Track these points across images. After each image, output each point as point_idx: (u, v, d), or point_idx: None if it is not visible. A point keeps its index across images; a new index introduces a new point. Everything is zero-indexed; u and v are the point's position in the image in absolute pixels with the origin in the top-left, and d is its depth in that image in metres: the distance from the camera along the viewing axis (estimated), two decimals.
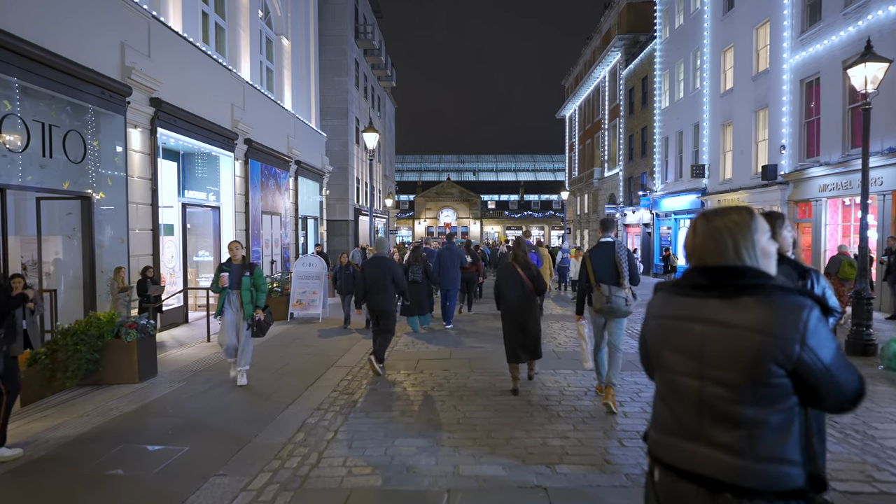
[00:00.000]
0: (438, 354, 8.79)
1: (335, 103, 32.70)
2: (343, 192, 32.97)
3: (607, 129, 38.71)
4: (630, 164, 33.60)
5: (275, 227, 19.25)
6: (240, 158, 16.33)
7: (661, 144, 28.25)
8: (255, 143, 17.00)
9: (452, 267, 11.65)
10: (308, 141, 23.42)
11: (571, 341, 9.85)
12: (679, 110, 25.77)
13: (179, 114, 12.63)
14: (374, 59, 39.42)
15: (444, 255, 11.79)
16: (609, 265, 5.95)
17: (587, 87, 43.48)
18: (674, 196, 26.18)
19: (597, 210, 42.20)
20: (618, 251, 5.99)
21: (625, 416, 5.74)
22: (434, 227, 67.10)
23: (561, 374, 7.45)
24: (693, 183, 24.04)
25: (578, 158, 48.74)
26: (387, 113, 47.78)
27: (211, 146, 14.51)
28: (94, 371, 7.09)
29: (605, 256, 6.00)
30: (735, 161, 20.59)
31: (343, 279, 11.87)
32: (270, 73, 20.74)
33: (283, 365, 8.17)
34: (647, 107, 30.43)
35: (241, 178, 16.39)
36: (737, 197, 20.10)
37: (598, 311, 6.03)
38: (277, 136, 19.46)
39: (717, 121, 22.05)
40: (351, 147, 33.68)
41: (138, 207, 11.40)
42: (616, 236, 6.29)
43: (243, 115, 16.25)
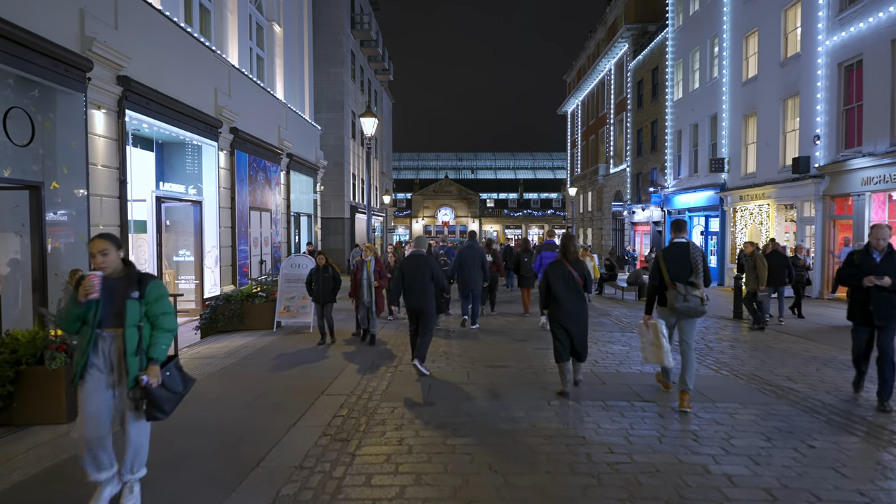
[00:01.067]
0: (452, 375, 7.33)
1: (330, 95, 31.23)
2: (339, 189, 31.50)
3: (613, 123, 37.33)
4: (638, 159, 32.22)
5: (264, 224, 17.78)
6: (225, 149, 14.85)
7: (674, 138, 26.87)
8: (242, 133, 15.54)
9: (474, 266, 11.08)
10: (301, 133, 21.96)
11: (609, 357, 8.43)
12: (694, 101, 24.39)
13: (153, 95, 11.15)
14: (371, 50, 37.95)
15: (465, 254, 11.16)
16: (683, 265, 5.98)
17: (591, 81, 42.09)
18: (688, 192, 24.80)
19: (601, 208, 40.84)
20: (693, 252, 6.04)
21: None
22: (432, 225, 65.66)
23: (615, 407, 5.89)
24: (711, 178, 22.66)
25: (581, 155, 47.36)
26: (384, 108, 46.31)
27: (192, 134, 13.04)
28: (3, 408, 5.42)
29: (679, 256, 6.04)
30: (759, 154, 19.21)
31: (320, 283, 9.59)
32: (261, 61, 19.26)
33: (259, 395, 6.46)
34: (657, 99, 29.04)
35: (226, 171, 14.92)
36: (762, 192, 18.72)
37: (672, 311, 6.02)
38: (267, 127, 17.99)
39: (738, 111, 20.67)
40: (347, 141, 32.22)
41: (103, 200, 9.92)
42: (685, 237, 6.27)
43: (229, 102, 14.79)
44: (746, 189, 19.71)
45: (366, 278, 9.41)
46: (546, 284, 6.42)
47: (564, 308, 6.29)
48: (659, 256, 6.18)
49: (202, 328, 10.30)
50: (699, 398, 6.14)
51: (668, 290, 6.00)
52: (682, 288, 5.86)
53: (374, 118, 12.41)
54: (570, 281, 6.36)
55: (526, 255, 13.52)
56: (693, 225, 25.34)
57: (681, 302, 5.85)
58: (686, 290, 5.84)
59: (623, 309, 14.77)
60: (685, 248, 6.08)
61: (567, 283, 6.34)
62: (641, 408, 5.89)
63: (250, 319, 10.41)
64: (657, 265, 6.15)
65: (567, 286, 6.33)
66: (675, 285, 5.91)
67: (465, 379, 7.10)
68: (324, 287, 9.56)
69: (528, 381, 6.94)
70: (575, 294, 6.33)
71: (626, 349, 8.95)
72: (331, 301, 9.59)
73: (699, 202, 23.80)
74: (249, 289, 10.88)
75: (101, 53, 9.60)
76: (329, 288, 9.58)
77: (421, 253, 7.69)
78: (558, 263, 6.48)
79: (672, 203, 26.76)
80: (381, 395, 6.42)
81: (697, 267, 5.94)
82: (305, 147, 22.60)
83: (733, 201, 20.85)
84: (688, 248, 6.08)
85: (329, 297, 9.55)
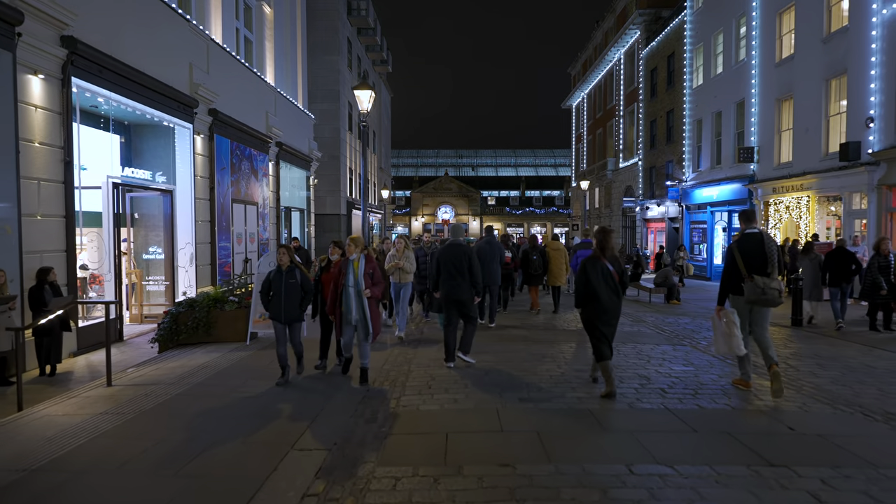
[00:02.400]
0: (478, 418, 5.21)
1: (326, 85, 29.43)
2: (334, 184, 29.72)
3: (623, 115, 35.56)
4: (651, 152, 30.45)
5: (250, 218, 16.00)
6: (202, 133, 13.07)
7: (693, 128, 25.09)
8: (222, 116, 13.76)
9: (493, 262, 10.53)
10: (292, 121, 20.17)
11: (676, 383, 6.65)
12: (716, 88, 22.61)
13: (109, 63, 9.37)
14: (369, 39, 36.15)
15: (483, 250, 10.44)
16: (759, 256, 5.94)
17: (598, 71, 40.30)
18: (709, 186, 23.03)
19: (609, 205, 39.06)
20: (767, 242, 5.99)
21: None
22: (431, 223, 63.87)
23: (736, 479, 3.86)
24: (737, 169, 20.90)
25: (587, 150, 45.57)
26: (382, 101, 44.53)
27: (161, 113, 11.27)
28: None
29: (754, 247, 5.98)
30: (797, 141, 17.44)
31: (282, 294, 6.61)
32: (249, 43, 17.49)
33: (200, 451, 4.46)
34: (673, 87, 27.27)
35: (204, 157, 13.14)
36: (800, 183, 16.96)
37: (750, 303, 6.00)
38: (253, 111, 16.20)
39: (769, 95, 18.90)
40: (343, 134, 30.43)
41: (41, 185, 8.15)
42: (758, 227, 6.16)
43: (207, 80, 13.00)
44: (781, 181, 17.94)
45: (352, 285, 6.41)
46: (585, 280, 6.08)
47: (605, 305, 6.02)
48: (733, 248, 6.13)
49: (160, 340, 8.48)
50: (840, 461, 4.21)
51: (745, 281, 5.95)
52: (761, 281, 5.84)
53: (369, 90, 10.60)
54: (609, 278, 6.08)
55: (534, 252, 13.08)
56: (715, 221, 23.58)
57: (759, 294, 5.85)
58: (764, 283, 5.84)
59: (656, 314, 13.02)
60: (759, 238, 6.03)
61: (606, 279, 6.07)
62: (777, 480, 3.87)
63: (219, 330, 8.54)
64: (732, 257, 6.09)
65: (606, 283, 6.06)
66: (753, 278, 5.90)
67: (496, 424, 5.08)
68: (287, 299, 6.58)
69: (584, 419, 5.16)
70: (613, 291, 6.10)
71: (691, 370, 7.14)
72: (297, 320, 6.74)
73: (723, 196, 22.04)
74: (218, 292, 9.00)
75: (37, 5, 7.83)
76: (295, 300, 6.63)
77: (459, 242, 7.59)
78: (596, 259, 6.14)
79: (691, 198, 24.99)
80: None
81: (773, 258, 5.91)
82: (297, 137, 20.82)
83: (764, 194, 19.09)
84: (762, 238, 6.03)
85: (294, 315, 6.67)
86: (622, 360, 7.65)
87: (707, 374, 6.86)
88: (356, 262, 6.53)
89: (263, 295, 6.77)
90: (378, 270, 6.73)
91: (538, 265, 12.84)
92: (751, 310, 6.07)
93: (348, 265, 6.55)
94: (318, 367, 7.38)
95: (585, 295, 6.09)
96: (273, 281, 6.69)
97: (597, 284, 6.02)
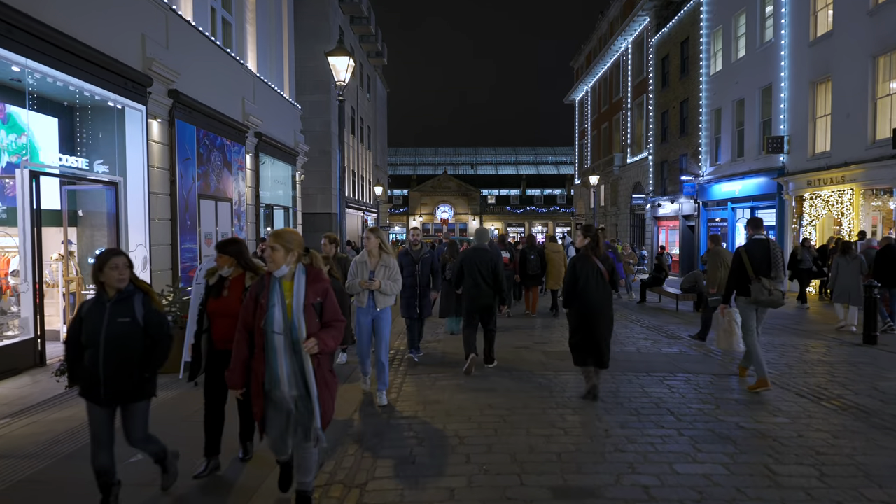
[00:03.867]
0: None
1: (316, 75, 27.58)
2: (325, 181, 27.88)
3: (631, 107, 33.72)
4: (663, 146, 28.61)
5: (223, 217, 14.15)
6: (160, 117, 11.21)
7: (710, 118, 23.26)
8: (186, 98, 11.91)
9: None
10: (275, 111, 18.33)
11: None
12: (739, 73, 20.77)
13: (23, 23, 7.52)
14: (363, 28, 34.30)
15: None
16: (765, 260, 6.37)
17: (604, 63, 38.46)
18: (730, 180, 21.19)
19: (616, 202, 37.23)
20: (773, 248, 6.46)
21: None
22: (430, 223, 62.00)
23: None
24: (763, 161, 19.07)
25: (591, 145, 43.74)
26: (378, 96, 42.69)
27: (102, 91, 9.40)
28: None
29: (761, 252, 6.41)
30: (836, 128, 15.59)
31: (103, 338, 3.49)
32: (228, 25, 15.65)
33: None
34: (687, 75, 25.44)
35: (162, 145, 11.28)
36: (841, 174, 15.12)
37: (756, 303, 6.39)
38: (227, 97, 14.35)
39: (802, 78, 17.06)
40: (334, 128, 28.57)
41: None
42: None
43: (165, 56, 11.15)
44: (817, 172, 16.10)
45: (280, 330, 3.48)
46: (573, 278, 6.06)
47: (593, 305, 6.00)
48: (741, 251, 6.50)
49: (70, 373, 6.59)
50: None
51: (752, 283, 6.32)
52: (767, 282, 6.26)
53: (347, 57, 8.70)
54: (598, 277, 6.04)
55: (532, 251, 12.75)
56: (736, 218, 21.74)
57: (765, 295, 6.25)
58: (770, 285, 6.25)
59: (682, 325, 11.20)
60: (766, 244, 6.47)
61: (596, 278, 6.03)
62: None
63: None
64: (740, 259, 6.44)
65: (596, 282, 6.02)
66: (760, 279, 6.29)
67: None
68: (111, 354, 3.54)
69: None
70: (603, 291, 6.06)
71: (791, 423, 5.34)
72: (137, 399, 3.69)
73: (746, 191, 20.20)
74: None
75: None
76: (129, 357, 3.59)
77: (484, 247, 7.45)
78: (586, 258, 6.12)
79: (709, 193, 23.15)
80: None
81: (778, 263, 6.37)
82: (281, 128, 18.97)
83: (797, 188, 17.25)
84: (768, 244, 6.47)
85: (127, 387, 3.61)
86: (679, 403, 5.84)
87: (784, 430, 5.03)
88: (287, 282, 3.53)
89: (198, 322, 4.30)
90: (333, 298, 3.66)
91: (536, 265, 12.54)
92: (756, 310, 6.49)
93: (273, 288, 3.52)
94: (200, 474, 4.15)
95: (574, 294, 6.04)
96: (86, 318, 3.56)
97: (585, 283, 5.97)
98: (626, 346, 8.83)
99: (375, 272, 5.97)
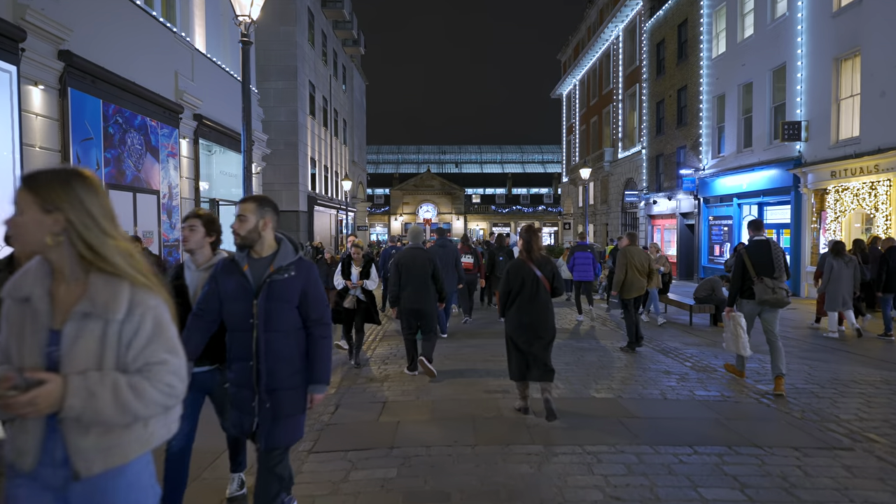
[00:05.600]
0: None
1: (280, 60, 25.15)
2: (292, 175, 25.44)
3: (622, 99, 31.65)
4: (658, 138, 26.53)
5: (145, 212, 11.74)
6: (43, 82, 8.81)
7: (712, 106, 21.18)
8: (84, 62, 9.52)
9: (446, 268, 9.55)
10: (224, 93, 15.95)
11: None
12: (745, 54, 18.70)
13: None
14: (336, 13, 31.85)
15: (437, 255, 9.05)
16: (767, 261, 6.36)
17: (593, 53, 36.39)
18: (736, 173, 19.11)
19: (607, 200, 35.14)
20: (774, 249, 6.43)
21: None
22: (412, 223, 59.63)
23: None
24: (775, 151, 16.99)
25: (580, 141, 41.65)
26: (355, 88, 40.28)
27: None
28: None
29: (762, 253, 6.40)
30: (866, 109, 13.51)
31: None
32: None
33: None
34: (685, 60, 23.37)
35: (47, 120, 8.90)
36: (875, 163, 13.03)
37: (761, 304, 6.38)
38: (153, 69, 11.95)
39: (824, 54, 14.98)
40: (303, 118, 26.17)
41: None
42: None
43: (51, 7, 8.76)
44: (843, 161, 14.01)
45: None
46: (506, 288, 5.52)
47: (529, 318, 5.36)
48: (743, 253, 6.52)
49: None
50: None
51: (755, 284, 6.34)
52: (770, 282, 6.28)
53: None
54: (536, 285, 5.42)
55: (501, 253, 12.13)
56: (742, 216, 19.65)
57: (769, 294, 6.27)
58: (774, 284, 6.28)
59: (705, 347, 9.00)
60: (767, 245, 6.46)
61: (533, 287, 5.41)
62: None
63: None
64: (742, 261, 6.46)
65: (533, 291, 5.40)
66: (763, 279, 6.31)
67: None
68: None
69: None
70: (541, 301, 5.41)
71: None
72: None
73: (755, 185, 18.11)
74: None
75: None
76: None
77: (419, 247, 7.25)
78: (521, 262, 5.54)
79: (711, 189, 21.07)
80: None
81: (780, 264, 6.38)
82: (232, 113, 16.54)
83: (817, 180, 15.16)
84: (769, 245, 6.46)
85: None
86: None
87: None
88: None
89: None
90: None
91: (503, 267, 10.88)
92: (760, 312, 6.50)
93: None
94: None
95: (505, 301, 5.57)
96: None
97: (519, 292, 5.44)
98: (645, 388, 6.51)
99: None
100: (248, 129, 6.94)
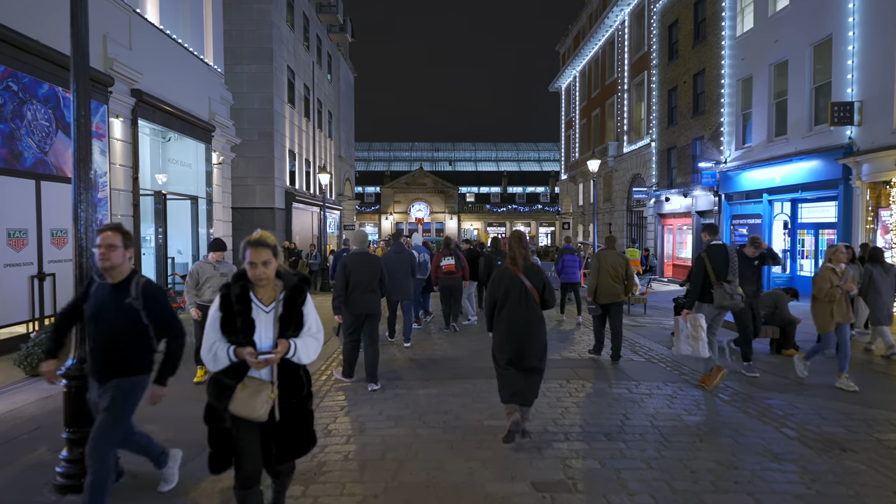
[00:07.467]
0: None
1: (254, 41, 22.66)
2: (266, 169, 22.94)
3: (628, 89, 29.35)
4: (670, 129, 24.23)
5: (53, 204, 9.29)
6: None
7: (736, 91, 18.89)
8: None
9: (401, 273, 9.01)
10: (175, 68, 13.52)
11: None
12: (779, 28, 16.40)
13: None
14: None
15: (390, 260, 8.99)
16: (724, 265, 6.53)
17: (595, 42, 34.07)
18: (766, 166, 16.81)
19: (610, 198, 32.81)
20: (731, 253, 6.62)
21: None
22: (404, 222, 57.17)
23: None
24: (818, 139, 14.71)
25: (580, 136, 39.33)
26: (342, 78, 37.78)
27: None
28: None
29: (721, 257, 6.56)
30: None
31: None
32: None
33: None
34: (702, 42, 21.07)
35: None
36: None
37: (719, 308, 6.56)
38: (65, 25, 9.49)
39: (884, 21, 12.70)
40: (279, 106, 23.68)
41: None
42: None
43: None
44: None
45: None
46: (491, 300, 5.05)
47: (517, 333, 4.85)
48: (704, 257, 6.58)
49: None
50: None
51: (714, 288, 6.48)
52: (729, 287, 6.43)
53: None
54: (523, 295, 4.90)
55: (498, 256, 11.40)
56: (774, 214, 17.36)
57: (728, 300, 6.42)
58: (732, 289, 6.43)
59: (792, 396, 6.66)
60: (724, 250, 6.64)
61: (519, 296, 4.90)
62: None
63: None
64: (702, 265, 6.55)
65: (521, 303, 4.90)
66: (723, 284, 6.46)
67: None
68: None
69: None
70: (531, 313, 4.89)
71: None
72: None
73: (791, 178, 15.81)
74: None
75: None
76: None
77: (365, 251, 7.10)
78: (507, 271, 5.03)
79: (734, 184, 18.77)
80: None
81: (735, 268, 6.56)
82: (187, 92, 14.08)
83: (876, 170, 12.85)
84: (726, 250, 6.64)
85: None
86: None
87: None
88: None
89: None
90: None
91: None
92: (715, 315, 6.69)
93: None
94: None
95: (490, 314, 5.06)
96: None
97: (504, 303, 4.93)
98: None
99: None
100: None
